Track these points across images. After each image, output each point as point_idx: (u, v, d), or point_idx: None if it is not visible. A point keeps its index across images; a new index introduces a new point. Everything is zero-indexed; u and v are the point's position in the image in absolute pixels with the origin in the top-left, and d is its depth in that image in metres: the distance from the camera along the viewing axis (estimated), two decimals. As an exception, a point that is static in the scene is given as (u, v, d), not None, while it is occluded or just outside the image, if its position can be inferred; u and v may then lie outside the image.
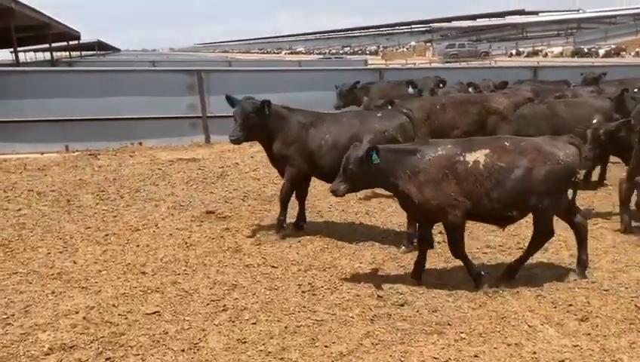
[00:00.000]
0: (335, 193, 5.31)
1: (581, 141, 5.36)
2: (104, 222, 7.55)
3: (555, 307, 4.94)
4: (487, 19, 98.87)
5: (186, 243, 6.69)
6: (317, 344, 4.43)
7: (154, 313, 4.96)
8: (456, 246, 5.30)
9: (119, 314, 4.93)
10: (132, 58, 53.19)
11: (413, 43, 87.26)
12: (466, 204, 5.05)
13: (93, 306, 5.08)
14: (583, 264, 5.50)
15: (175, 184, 9.51)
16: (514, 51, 65.59)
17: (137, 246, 6.65)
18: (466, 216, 5.17)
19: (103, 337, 4.56)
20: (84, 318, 4.86)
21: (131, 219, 7.67)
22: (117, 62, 41.60)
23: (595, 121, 7.00)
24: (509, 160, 5.02)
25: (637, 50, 53.55)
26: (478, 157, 5.04)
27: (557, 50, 61.95)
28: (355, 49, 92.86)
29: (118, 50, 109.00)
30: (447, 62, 49.72)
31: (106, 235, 7.01)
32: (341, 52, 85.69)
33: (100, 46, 72.45)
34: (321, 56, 66.28)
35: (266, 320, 4.81)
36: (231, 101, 6.63)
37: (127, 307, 5.07)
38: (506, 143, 5.16)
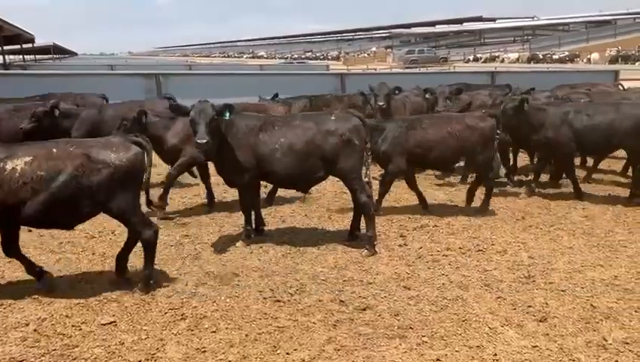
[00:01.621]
0: None
1: (147, 140, 5.40)
2: (58, 230, 7.30)
3: (515, 309, 5.00)
4: (446, 25, 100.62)
5: (144, 250, 6.51)
6: (278, 351, 4.37)
7: (110, 323, 4.80)
8: None
9: (73, 325, 4.76)
10: (89, 62, 52.08)
11: (374, 49, 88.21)
12: None
13: (45, 318, 4.88)
14: (146, 277, 5.41)
15: (133, 190, 9.27)
16: (472, 57, 66.92)
17: (93, 254, 6.45)
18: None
19: (55, 350, 4.38)
20: (35, 330, 4.67)
21: (87, 226, 7.41)
22: (74, 66, 40.57)
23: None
24: (51, 166, 4.87)
25: (588, 57, 55.43)
26: (18, 164, 4.84)
27: (513, 55, 63.56)
28: (317, 54, 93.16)
29: (75, 53, 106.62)
30: (407, 67, 50.30)
31: (60, 243, 6.79)
32: (303, 57, 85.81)
33: (56, 50, 70.71)
34: (284, 61, 66.33)
35: (226, 328, 4.71)
36: (178, 109, 6.37)
37: (81, 317, 4.90)
38: (54, 149, 4.97)
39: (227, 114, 6.13)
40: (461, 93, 10.52)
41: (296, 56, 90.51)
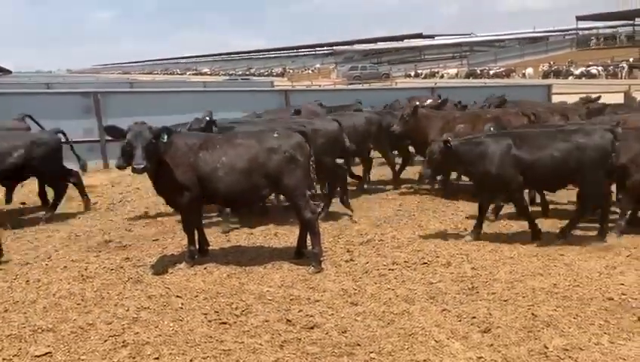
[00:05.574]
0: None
1: None
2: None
3: (460, 320, 5.05)
4: (387, 42, 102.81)
5: (82, 275, 6.25)
6: (224, 375, 4.25)
7: (44, 354, 4.56)
8: None
9: (4, 359, 4.49)
10: (24, 80, 50.14)
11: (318, 65, 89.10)
12: None
13: (-26, 352, 4.60)
14: None
15: (71, 212, 8.94)
16: (413, 73, 68.53)
17: (27, 281, 6.13)
18: None
19: (-16, 386, 4.13)
20: (-38, 366, 4.39)
21: (21, 251, 7.09)
22: (7, 84, 38.90)
23: None
24: None
25: (523, 72, 57.88)
26: None
27: (452, 71, 65.64)
28: (262, 70, 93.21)
29: (9, 71, 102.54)
30: (350, 83, 50.88)
31: (-9, 271, 6.43)
32: (247, 73, 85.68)
33: (-12, 67, 67.83)
34: (227, 78, 65.94)
35: (170, 354, 4.55)
36: (114, 131, 6.18)
37: (13, 350, 4.63)
38: None
39: (165, 137, 6.00)
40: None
41: (240, 72, 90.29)
